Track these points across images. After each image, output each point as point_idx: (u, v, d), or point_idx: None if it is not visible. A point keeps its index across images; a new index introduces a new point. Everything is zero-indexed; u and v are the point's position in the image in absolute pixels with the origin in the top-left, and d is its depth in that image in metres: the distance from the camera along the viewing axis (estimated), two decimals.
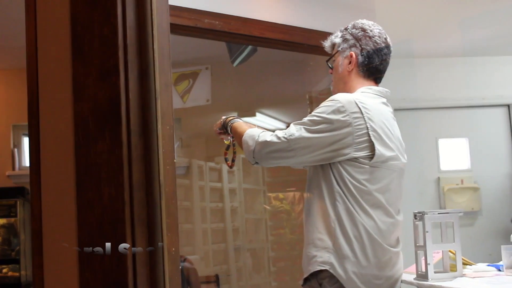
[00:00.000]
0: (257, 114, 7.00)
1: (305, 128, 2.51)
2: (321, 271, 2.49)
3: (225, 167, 6.95)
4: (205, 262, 6.48)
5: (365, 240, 2.49)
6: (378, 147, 2.49)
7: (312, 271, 2.51)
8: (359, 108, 2.49)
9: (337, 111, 2.48)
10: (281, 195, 6.48)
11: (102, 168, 1.36)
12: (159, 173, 1.43)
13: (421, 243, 2.85)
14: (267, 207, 5.65)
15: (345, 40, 2.75)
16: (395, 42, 5.48)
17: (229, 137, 3.00)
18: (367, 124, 2.48)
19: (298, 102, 6.22)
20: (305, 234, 2.63)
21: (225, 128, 2.95)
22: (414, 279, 2.91)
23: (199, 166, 6.70)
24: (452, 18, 5.54)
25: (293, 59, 5.50)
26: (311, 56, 5.08)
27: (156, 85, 1.45)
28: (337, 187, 2.52)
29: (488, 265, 3.05)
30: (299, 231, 6.09)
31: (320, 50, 4.72)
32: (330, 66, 2.84)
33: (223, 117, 2.99)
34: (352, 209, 2.50)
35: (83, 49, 1.42)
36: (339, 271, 2.47)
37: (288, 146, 2.51)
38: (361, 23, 2.77)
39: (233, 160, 3.02)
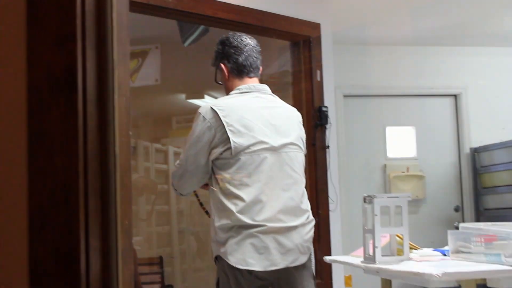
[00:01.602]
0: (206, 96, 6.97)
1: (186, 149, 3.09)
2: (216, 256, 3.00)
3: (171, 149, 6.91)
4: (149, 243, 6.44)
5: (236, 224, 2.92)
6: (234, 139, 2.98)
7: (213, 258, 3.05)
8: (215, 111, 3.01)
9: (200, 121, 3.05)
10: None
11: (56, 137, 1.32)
12: (115, 144, 1.40)
13: (370, 227, 2.87)
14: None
15: (215, 58, 3.31)
16: (347, 27, 5.50)
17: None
18: (223, 122, 2.99)
19: None
20: None
21: None
22: (361, 262, 2.93)
23: (145, 147, 6.65)
24: (404, 6, 5.59)
25: None
26: (263, 38, 5.06)
27: (114, 55, 1.42)
28: (215, 184, 3.06)
29: (434, 250, 3.09)
30: None
31: (272, 33, 4.73)
32: (219, 83, 3.33)
33: None
34: (224, 200, 2.98)
35: (38, 15, 1.37)
36: (221, 250, 2.92)
37: (184, 170, 3.10)
38: (220, 39, 3.32)
39: (207, 212, 3.37)
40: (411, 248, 3.00)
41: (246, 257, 2.89)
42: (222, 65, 3.24)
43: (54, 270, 1.30)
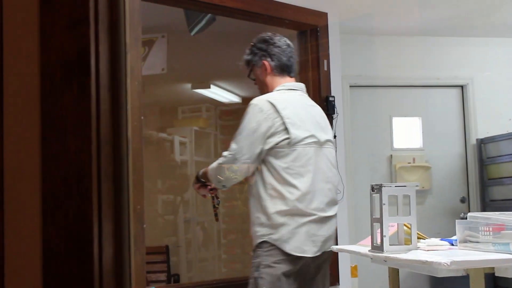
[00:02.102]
0: (212, 86, 6.95)
1: (241, 139, 3.29)
2: (262, 241, 3.22)
3: (177, 139, 6.90)
4: (155, 232, 6.44)
5: (292, 210, 3.20)
6: (292, 131, 3.23)
7: (256, 243, 3.25)
8: (272, 104, 3.25)
9: (257, 112, 3.26)
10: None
11: (69, 120, 1.31)
12: (127, 128, 1.39)
13: (377, 216, 2.86)
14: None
15: (254, 54, 3.50)
16: (354, 17, 5.48)
17: (209, 194, 3.68)
18: (282, 114, 3.23)
19: None
20: (250, 214, 3.36)
21: (199, 180, 3.62)
22: (369, 251, 2.92)
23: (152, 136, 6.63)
24: None
25: (251, 30, 5.46)
26: (269, 27, 5.05)
27: (126, 39, 1.41)
28: (266, 172, 3.26)
29: (442, 240, 3.08)
30: None
31: (279, 22, 4.72)
32: (252, 78, 3.56)
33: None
34: (279, 187, 3.22)
35: None
36: (274, 237, 3.19)
37: (236, 160, 3.31)
38: (262, 37, 3.54)
39: (216, 215, 3.86)
40: (418, 238, 2.99)
41: (301, 244, 3.21)
42: (265, 62, 3.45)
43: (67, 254, 1.30)
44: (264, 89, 3.49)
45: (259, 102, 3.30)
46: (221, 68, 6.69)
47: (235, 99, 7.16)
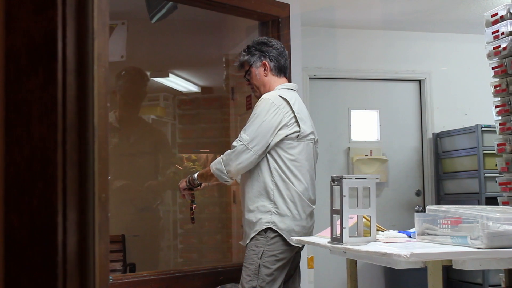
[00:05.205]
0: (170, 75, 6.91)
1: (253, 130, 3.43)
2: (265, 228, 3.45)
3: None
4: (111, 221, 6.37)
5: (297, 200, 3.49)
6: (302, 126, 3.49)
7: (259, 230, 3.47)
8: (284, 99, 3.49)
9: (269, 105, 3.45)
10: (193, 156, 6.41)
11: (34, 105, 1.29)
12: (93, 115, 1.37)
13: (337, 207, 2.87)
14: (180, 167, 5.59)
15: (252, 55, 3.68)
16: (316, 9, 5.48)
17: (190, 197, 3.86)
18: (293, 109, 3.47)
19: (214, 65, 6.16)
20: (246, 204, 3.55)
21: (192, 183, 3.77)
22: (328, 242, 2.93)
23: (110, 124, 6.56)
24: None
25: (213, 19, 5.44)
26: (230, 17, 5.04)
27: (94, 24, 1.39)
28: (273, 163, 3.47)
29: (400, 232, 3.11)
30: (209, 194, 6.06)
31: (241, 12, 4.70)
32: (248, 79, 3.72)
33: (186, 178, 3.81)
34: (285, 178, 3.47)
35: None
36: (280, 226, 3.45)
37: (244, 147, 3.41)
38: (259, 39, 3.76)
39: (193, 218, 4.03)
40: (377, 230, 3.01)
41: (301, 235, 3.47)
42: (266, 62, 3.67)
43: (30, 242, 1.27)
44: (262, 89, 3.68)
45: (271, 96, 3.51)
46: (180, 57, 6.65)
47: (193, 88, 7.12)
